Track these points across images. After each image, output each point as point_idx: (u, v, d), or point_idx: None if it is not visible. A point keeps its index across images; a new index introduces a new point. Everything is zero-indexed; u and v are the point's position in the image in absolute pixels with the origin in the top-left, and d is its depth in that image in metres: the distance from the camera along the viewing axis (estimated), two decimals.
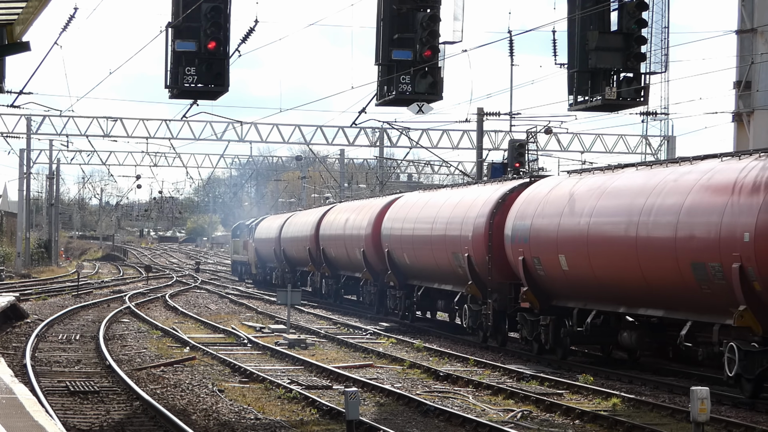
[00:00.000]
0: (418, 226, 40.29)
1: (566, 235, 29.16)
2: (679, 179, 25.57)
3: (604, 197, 28.12)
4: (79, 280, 66.19)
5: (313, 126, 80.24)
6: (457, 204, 37.25)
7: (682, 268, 24.28)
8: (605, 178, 29.22)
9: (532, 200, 31.82)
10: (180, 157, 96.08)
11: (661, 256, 25.10)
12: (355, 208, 51.86)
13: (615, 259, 26.98)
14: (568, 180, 31.21)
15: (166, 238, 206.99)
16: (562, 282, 29.88)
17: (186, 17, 26.15)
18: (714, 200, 23.71)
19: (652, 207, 25.70)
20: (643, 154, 76.77)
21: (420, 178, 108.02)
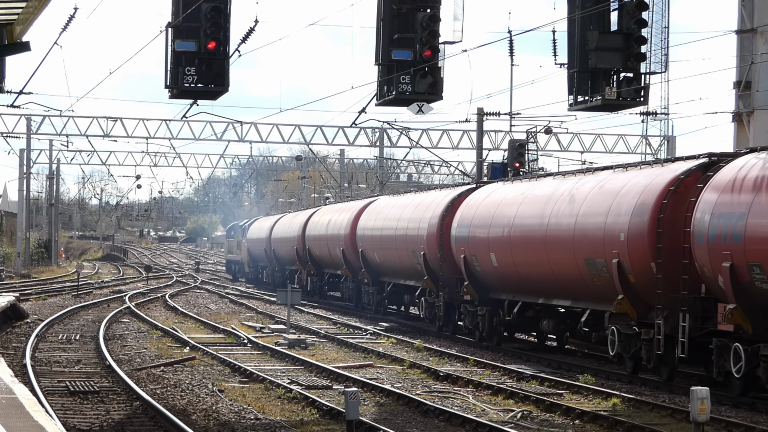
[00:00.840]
0: (386, 226, 44.49)
1: (495, 236, 33.43)
2: (580, 187, 29.74)
3: (524, 203, 32.38)
4: (79, 280, 66.20)
5: (313, 126, 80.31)
6: (417, 207, 41.60)
7: (579, 264, 28.47)
8: (528, 186, 33.64)
9: (473, 205, 36.10)
10: (180, 157, 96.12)
11: (563, 254, 29.31)
12: (337, 210, 55.80)
13: (531, 257, 31.27)
14: (502, 187, 35.64)
15: (166, 238, 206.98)
16: (494, 277, 34.16)
17: (186, 17, 26.15)
18: (601, 206, 27.84)
19: (558, 211, 29.98)
20: (643, 154, 76.78)
21: (420, 178, 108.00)
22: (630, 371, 26.91)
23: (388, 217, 44.64)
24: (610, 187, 28.29)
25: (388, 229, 44.10)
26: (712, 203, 23.61)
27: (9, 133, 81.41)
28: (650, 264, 25.69)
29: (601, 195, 28.23)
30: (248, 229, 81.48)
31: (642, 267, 26.02)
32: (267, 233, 71.95)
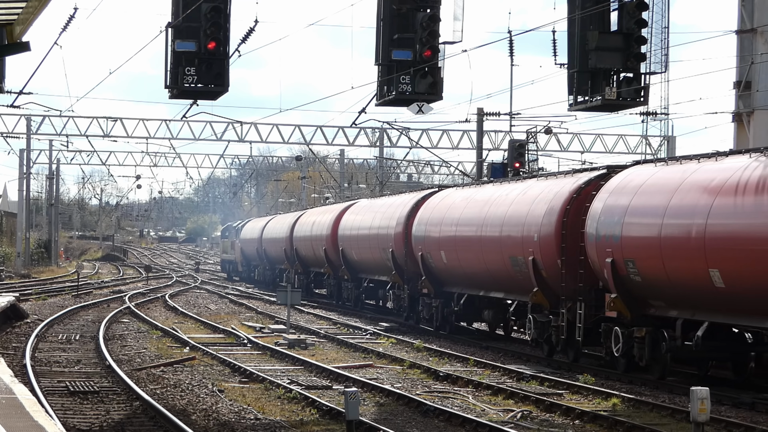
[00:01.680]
0: (363, 227, 48.48)
1: (444, 236, 37.62)
2: (509, 194, 33.97)
3: (467, 207, 36.42)
4: (78, 280, 66.19)
5: (313, 126, 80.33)
6: (388, 209, 45.66)
7: (505, 261, 32.80)
8: (473, 191, 37.77)
9: (430, 208, 40.35)
10: (180, 157, 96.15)
11: (494, 253, 33.67)
12: (320, 212, 59.94)
13: (471, 255, 35.44)
14: (454, 192, 39.83)
15: (166, 239, 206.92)
16: (445, 273, 38.21)
17: (186, 17, 26.15)
18: (522, 210, 32.03)
19: (491, 215, 34.12)
20: (643, 154, 76.76)
21: (420, 178, 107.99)
22: (546, 354, 31.03)
23: (365, 219, 48.42)
24: (530, 193, 32.47)
25: (364, 229, 47.96)
26: (600, 208, 27.73)
27: (9, 133, 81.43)
28: (557, 261, 29.88)
29: (523, 201, 32.43)
30: (241, 230, 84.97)
31: (551, 263, 30.28)
32: (259, 234, 75.62)
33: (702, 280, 23.80)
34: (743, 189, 23.14)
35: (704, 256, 23.66)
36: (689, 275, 24.30)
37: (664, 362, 26.01)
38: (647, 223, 25.66)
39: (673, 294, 25.35)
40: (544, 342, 31.13)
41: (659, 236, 25.09)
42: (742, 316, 23.59)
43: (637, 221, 26.08)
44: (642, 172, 27.30)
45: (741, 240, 22.82)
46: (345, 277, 52.07)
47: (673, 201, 24.96)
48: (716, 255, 23.34)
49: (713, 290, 23.59)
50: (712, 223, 23.48)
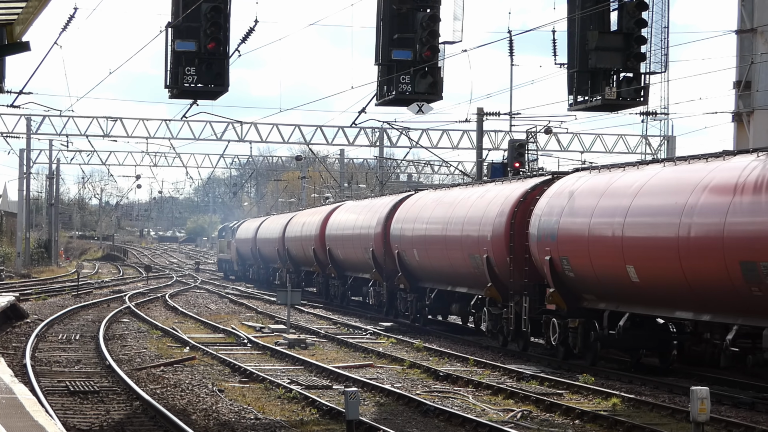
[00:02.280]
0: (347, 227, 51.43)
1: (416, 235, 40.73)
2: (470, 196, 36.97)
3: (436, 209, 39.57)
4: (79, 280, 66.20)
5: (313, 126, 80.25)
6: (370, 210, 48.84)
7: (466, 258, 35.63)
8: (442, 194, 41.12)
9: (405, 209, 43.50)
10: (180, 157, 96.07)
11: (457, 250, 36.36)
12: (310, 213, 63.29)
13: (438, 253, 38.53)
14: (427, 195, 43.08)
15: (166, 238, 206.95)
16: (419, 269, 41.20)
17: (186, 17, 26.14)
18: (479, 212, 35.09)
19: (454, 216, 37.21)
20: (643, 154, 76.75)
21: (420, 178, 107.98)
22: (501, 344, 33.85)
23: (349, 220, 51.43)
24: (487, 197, 35.50)
25: (348, 229, 50.94)
26: (541, 211, 30.82)
27: (9, 133, 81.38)
28: (507, 258, 32.98)
29: (481, 203, 35.48)
30: (237, 230, 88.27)
31: (501, 261, 33.38)
32: (253, 234, 78.97)
33: (621, 276, 26.67)
34: (652, 193, 26.05)
35: (622, 254, 26.55)
36: (611, 271, 27.18)
37: (595, 350, 28.89)
38: (578, 223, 28.60)
39: (600, 288, 28.24)
40: (498, 333, 34.17)
41: (587, 236, 28.11)
42: (655, 307, 26.46)
43: (570, 222, 29.01)
44: (578, 179, 30.34)
45: (650, 239, 25.64)
46: (332, 275, 55.25)
47: (599, 204, 27.93)
48: (631, 252, 26.20)
49: (630, 284, 26.46)
50: (628, 222, 26.35)
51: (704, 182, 24.34)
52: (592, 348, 28.80)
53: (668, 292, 25.30)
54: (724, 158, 24.86)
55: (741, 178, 23.29)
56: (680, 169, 26.10)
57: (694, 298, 24.58)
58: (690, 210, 24.27)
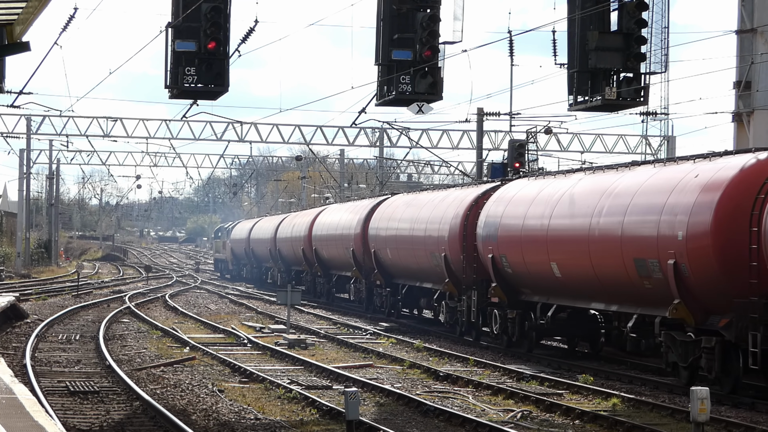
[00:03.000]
0: (331, 227, 55.37)
1: (390, 235, 44.56)
2: (433, 200, 40.81)
3: (406, 211, 43.32)
4: (79, 280, 66.19)
5: (313, 126, 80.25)
6: (351, 211, 52.72)
7: (428, 256, 39.83)
8: (413, 197, 45.15)
9: (381, 210, 47.13)
10: (180, 157, 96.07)
11: (421, 249, 40.59)
12: (300, 215, 67.49)
13: (405, 251, 42.74)
14: (401, 197, 47.10)
15: (166, 239, 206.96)
16: (392, 266, 45.27)
17: (186, 17, 26.14)
18: (438, 214, 39.02)
19: (419, 217, 41.19)
20: (643, 154, 76.72)
21: (420, 178, 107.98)
22: (458, 335, 37.31)
23: (333, 221, 55.33)
24: (448, 200, 39.08)
25: (332, 230, 54.76)
26: (486, 213, 34.68)
27: (9, 133, 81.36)
28: (461, 256, 36.77)
29: (442, 206, 39.01)
30: (232, 231, 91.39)
31: (457, 259, 37.07)
32: (247, 235, 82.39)
33: (547, 272, 30.24)
34: (572, 198, 29.62)
35: (547, 252, 30.10)
36: (540, 267, 30.76)
37: (530, 338, 32.34)
38: (514, 225, 32.31)
39: (533, 283, 31.80)
40: (455, 323, 37.78)
41: (521, 237, 31.75)
42: (575, 299, 29.82)
43: (508, 225, 32.78)
44: (517, 185, 34.29)
45: (567, 239, 29.13)
46: (318, 273, 59.13)
47: (530, 208, 31.69)
48: (554, 251, 29.72)
49: (555, 279, 30.02)
50: (551, 224, 30.08)
51: (611, 188, 27.87)
52: (528, 336, 32.47)
53: (584, 285, 28.82)
54: (630, 168, 28.68)
55: (639, 185, 26.73)
56: (597, 176, 29.80)
57: (603, 291, 28.03)
58: (598, 212, 27.73)
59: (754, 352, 22.52)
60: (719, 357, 23.72)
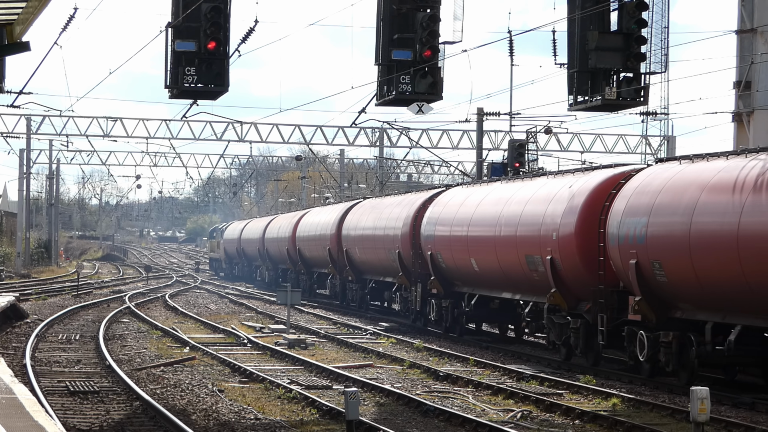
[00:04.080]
0: (311, 229, 60.87)
1: (356, 236, 50.33)
2: (389, 204, 45.80)
3: (371, 214, 48.26)
4: (78, 280, 66.20)
5: (313, 126, 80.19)
6: (329, 214, 57.73)
7: (387, 253, 45.06)
8: (378, 201, 49.69)
9: (352, 213, 52.34)
10: (180, 157, 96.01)
11: (381, 249, 45.94)
12: (286, 218, 72.78)
13: (369, 250, 48.16)
14: (368, 202, 51.84)
15: (166, 239, 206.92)
16: (359, 263, 50.44)
17: (186, 17, 26.13)
18: (392, 216, 45.04)
19: (379, 219, 46.43)
20: (643, 154, 76.72)
21: (420, 178, 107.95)
22: (411, 321, 42.56)
23: (311, 224, 60.96)
24: (403, 204, 44.55)
25: (311, 232, 60.29)
26: (427, 218, 40.26)
27: (9, 133, 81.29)
28: (410, 253, 41.98)
29: (397, 209, 44.61)
30: (224, 231, 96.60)
31: (408, 255, 42.59)
32: (238, 235, 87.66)
33: (469, 266, 36.00)
34: (486, 205, 35.29)
35: (468, 250, 35.93)
36: (463, 263, 36.40)
37: (461, 323, 38.01)
38: (445, 229, 38.15)
39: (460, 276, 37.65)
40: (406, 311, 43.96)
41: (449, 237, 37.61)
42: (491, 290, 35.93)
43: (441, 228, 38.44)
44: (452, 193, 40.08)
45: (482, 238, 34.81)
46: (302, 270, 64.42)
47: (457, 213, 37.34)
48: (473, 249, 35.66)
49: (474, 273, 35.91)
50: (471, 228, 35.69)
51: (513, 197, 33.77)
52: (459, 321, 37.98)
53: (494, 277, 34.53)
54: (532, 178, 34.63)
55: (532, 194, 32.52)
56: (507, 185, 35.64)
57: (508, 282, 33.72)
58: (501, 217, 33.66)
59: (602, 331, 28.01)
60: (583, 335, 29.21)
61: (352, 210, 52.95)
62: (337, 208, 56.67)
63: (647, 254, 25.64)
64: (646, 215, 25.86)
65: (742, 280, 22.83)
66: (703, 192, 24.27)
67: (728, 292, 23.56)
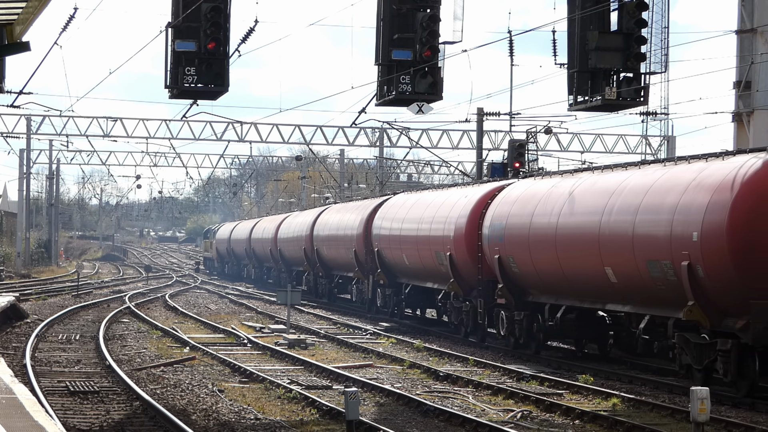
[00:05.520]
0: (290, 233, 66.48)
1: (327, 234, 55.85)
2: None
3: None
4: (78, 280, 66.20)
5: (313, 126, 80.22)
6: (304, 218, 64.08)
7: (350, 252, 50.20)
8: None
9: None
10: (180, 157, 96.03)
11: (344, 248, 51.49)
12: (268, 220, 78.67)
13: (335, 249, 53.79)
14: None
15: (166, 238, 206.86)
16: (329, 261, 56.15)
17: (186, 17, 26.13)
18: (351, 218, 51.15)
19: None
20: (643, 154, 76.72)
21: (420, 178, 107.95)
22: (367, 311, 48.55)
23: (291, 226, 66.22)
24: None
25: (291, 234, 65.70)
26: (377, 218, 46.18)
27: (9, 133, 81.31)
28: (363, 251, 47.71)
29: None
30: (217, 232, 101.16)
31: (361, 252, 48.54)
32: (228, 236, 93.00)
33: (400, 261, 42.95)
34: (415, 209, 41.88)
35: (400, 248, 42.54)
36: (398, 260, 43.14)
37: (401, 308, 44.72)
38: (387, 228, 44.44)
39: (397, 269, 44.17)
40: (359, 301, 50.92)
41: (389, 236, 43.86)
42: (419, 280, 42.41)
43: (385, 228, 44.77)
44: (395, 197, 46.89)
45: (410, 237, 41.38)
46: (282, 269, 70.38)
47: (396, 215, 43.66)
48: (405, 247, 41.87)
49: (405, 266, 42.55)
50: (403, 227, 42.45)
51: (432, 202, 40.22)
52: (398, 306, 44.70)
53: (419, 270, 40.81)
54: (447, 189, 41.32)
55: (444, 200, 38.86)
56: (437, 192, 41.94)
57: (427, 273, 39.95)
58: (422, 218, 40.09)
59: (480, 312, 35.08)
60: (471, 316, 35.55)
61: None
62: (311, 213, 63.79)
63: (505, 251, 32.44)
64: (504, 219, 32.68)
65: (559, 270, 29.44)
66: (539, 202, 31.05)
67: (553, 280, 30.25)
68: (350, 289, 52.72)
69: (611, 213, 27.00)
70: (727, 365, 23.40)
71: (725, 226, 22.84)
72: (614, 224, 26.74)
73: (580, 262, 28.46)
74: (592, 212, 28.06)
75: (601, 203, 27.55)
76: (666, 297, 24.95)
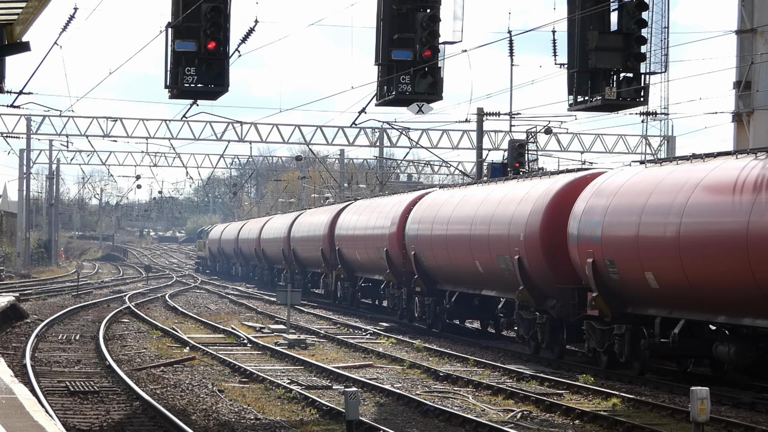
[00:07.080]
0: (271, 234, 72.17)
1: (301, 236, 61.62)
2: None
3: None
4: (79, 280, 66.20)
5: (313, 126, 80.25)
6: (283, 221, 69.21)
7: (318, 250, 56.29)
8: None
9: (296, 222, 62.11)
10: (180, 157, 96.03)
11: (313, 248, 57.85)
12: (253, 222, 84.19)
13: (311, 250, 58.69)
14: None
15: (166, 239, 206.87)
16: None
17: (186, 17, 26.11)
18: (319, 221, 57.79)
19: (313, 224, 56.49)
20: (643, 154, 76.69)
21: (420, 178, 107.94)
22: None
23: (304, 225, 64.32)
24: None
25: (306, 232, 63.52)
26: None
27: (9, 133, 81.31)
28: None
29: (324, 216, 53.01)
30: (209, 232, 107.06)
31: (328, 250, 54.52)
32: (218, 236, 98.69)
33: (376, 260, 46.39)
34: (367, 212, 47.74)
35: (361, 246, 48.19)
36: (361, 259, 49.53)
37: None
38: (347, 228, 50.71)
39: (357, 266, 50.21)
40: (341, 299, 53.93)
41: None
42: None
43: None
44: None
45: (362, 237, 47.62)
46: (265, 268, 76.60)
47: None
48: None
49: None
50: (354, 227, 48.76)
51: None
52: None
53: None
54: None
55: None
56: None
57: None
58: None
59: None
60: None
61: (296, 220, 64.11)
62: (288, 217, 69.03)
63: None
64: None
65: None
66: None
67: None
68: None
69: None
70: (543, 334, 31.35)
71: (538, 230, 30.83)
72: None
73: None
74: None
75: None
76: (510, 283, 32.53)
